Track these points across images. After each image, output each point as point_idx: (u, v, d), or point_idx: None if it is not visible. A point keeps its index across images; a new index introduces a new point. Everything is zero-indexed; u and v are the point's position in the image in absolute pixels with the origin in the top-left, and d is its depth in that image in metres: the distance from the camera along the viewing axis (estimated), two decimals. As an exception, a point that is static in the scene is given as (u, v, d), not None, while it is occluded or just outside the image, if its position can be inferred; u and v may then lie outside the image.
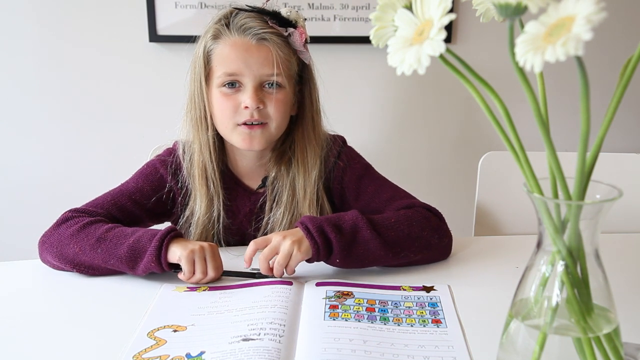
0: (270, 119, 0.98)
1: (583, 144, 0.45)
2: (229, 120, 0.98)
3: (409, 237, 0.91)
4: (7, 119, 1.60)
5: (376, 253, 0.89)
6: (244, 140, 0.98)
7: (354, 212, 0.93)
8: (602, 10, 0.38)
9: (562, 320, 0.51)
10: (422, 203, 1.01)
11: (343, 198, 1.08)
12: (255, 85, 0.96)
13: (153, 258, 0.85)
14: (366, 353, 0.68)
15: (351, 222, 0.90)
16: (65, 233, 0.91)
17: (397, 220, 0.93)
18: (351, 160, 1.08)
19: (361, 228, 0.89)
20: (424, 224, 0.94)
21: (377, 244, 0.89)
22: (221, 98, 0.98)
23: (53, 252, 0.91)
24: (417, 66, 0.43)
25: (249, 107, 0.96)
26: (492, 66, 1.14)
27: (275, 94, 0.97)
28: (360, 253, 0.89)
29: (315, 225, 0.88)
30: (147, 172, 1.05)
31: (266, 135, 0.99)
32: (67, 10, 1.53)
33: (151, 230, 0.90)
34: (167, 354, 0.69)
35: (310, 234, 0.87)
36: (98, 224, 0.92)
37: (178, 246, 0.86)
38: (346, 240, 0.88)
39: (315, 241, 0.87)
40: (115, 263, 0.88)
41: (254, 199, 1.07)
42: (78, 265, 0.90)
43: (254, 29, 0.96)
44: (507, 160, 1.22)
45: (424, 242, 0.93)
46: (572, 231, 0.48)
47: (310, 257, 0.88)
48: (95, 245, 0.88)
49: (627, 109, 1.66)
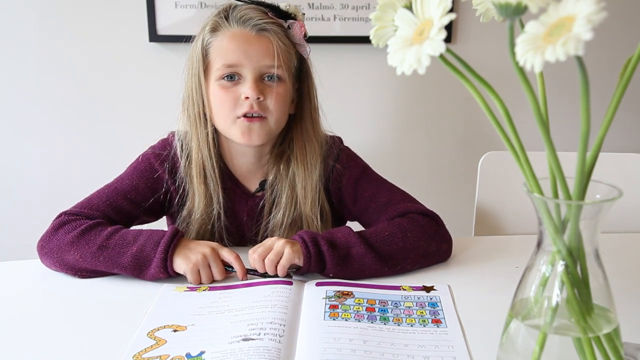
0: (270, 113, 0.97)
1: (583, 144, 0.45)
2: (228, 113, 0.96)
3: (404, 250, 0.91)
4: (7, 118, 1.60)
5: (372, 267, 0.89)
6: (243, 133, 0.97)
7: (345, 228, 0.93)
8: (602, 10, 0.38)
9: (562, 320, 0.51)
10: (419, 208, 0.99)
11: (341, 200, 1.07)
12: (256, 77, 0.95)
13: (160, 270, 0.87)
14: (366, 353, 0.68)
15: (344, 238, 0.90)
16: (64, 239, 0.90)
17: (390, 233, 0.92)
18: (349, 162, 1.07)
19: (354, 244, 0.89)
20: (419, 234, 0.93)
21: (372, 259, 0.88)
22: (220, 91, 0.96)
23: (53, 258, 0.90)
24: (417, 66, 0.43)
25: (250, 98, 0.94)
26: (492, 66, 1.13)
27: (276, 87, 0.96)
28: (355, 268, 0.89)
29: (309, 235, 0.89)
30: (142, 168, 1.03)
31: (265, 129, 0.97)
32: (67, 10, 1.53)
33: (153, 236, 0.89)
34: (167, 354, 0.69)
35: (304, 242, 0.88)
36: (97, 229, 0.91)
37: (182, 260, 0.87)
38: (339, 255, 0.88)
39: (308, 249, 0.87)
40: (120, 271, 0.88)
41: (252, 203, 1.05)
42: (80, 271, 0.90)
43: (254, 19, 0.95)
44: (507, 160, 1.22)
45: (420, 252, 0.92)
46: (572, 231, 0.48)
47: (302, 262, 0.88)
48: (97, 254, 0.88)
49: (627, 109, 1.66)
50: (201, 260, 0.87)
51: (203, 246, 0.89)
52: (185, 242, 0.90)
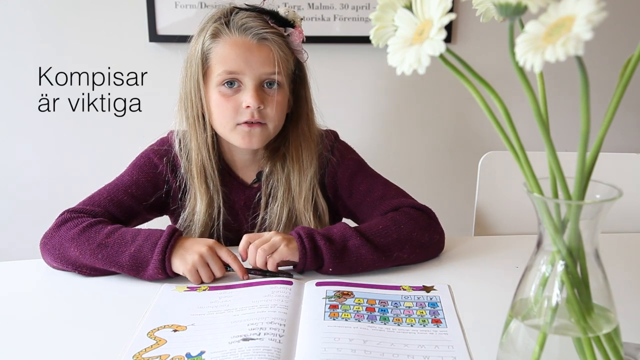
0: (270, 119, 0.99)
1: (583, 144, 0.45)
2: (228, 120, 0.98)
3: (399, 241, 0.92)
4: (8, 118, 1.60)
5: (368, 258, 0.90)
6: (243, 138, 0.99)
7: (341, 223, 0.95)
8: (602, 10, 0.38)
9: (562, 320, 0.51)
10: (412, 202, 1.01)
11: (337, 193, 1.08)
12: (256, 85, 0.97)
13: (159, 271, 0.87)
14: (366, 353, 0.68)
15: (340, 232, 0.91)
16: (65, 236, 0.91)
17: (385, 226, 0.93)
18: (344, 156, 1.08)
19: (350, 237, 0.90)
20: (412, 225, 0.94)
21: (368, 249, 0.90)
22: (220, 99, 0.98)
23: (55, 254, 0.91)
24: (417, 66, 0.43)
25: (251, 107, 0.96)
26: (492, 66, 1.13)
27: (276, 95, 0.98)
28: (353, 261, 0.89)
29: (306, 232, 0.90)
30: (141, 164, 1.05)
31: (265, 134, 1.00)
32: (67, 10, 1.53)
33: (151, 236, 0.89)
34: (167, 354, 0.69)
35: (300, 238, 0.89)
36: (98, 227, 0.92)
37: (179, 261, 0.87)
38: (336, 248, 0.89)
39: (303, 244, 0.88)
40: (119, 270, 0.88)
41: (249, 193, 1.07)
42: (80, 267, 0.90)
43: (255, 28, 0.96)
44: (507, 160, 1.22)
45: (415, 243, 0.93)
46: (572, 231, 0.48)
47: (297, 259, 0.89)
48: (96, 251, 0.88)
49: (627, 109, 1.66)
50: (198, 260, 0.87)
51: (200, 245, 0.89)
52: (182, 241, 0.90)
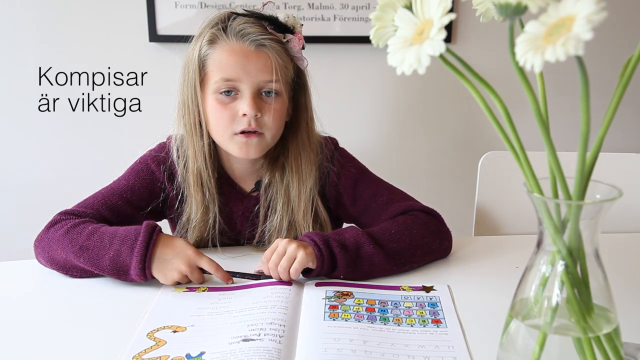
0: (267, 129, 0.96)
1: (583, 144, 0.45)
2: (225, 129, 0.96)
3: (411, 246, 0.92)
4: (8, 118, 1.60)
5: (381, 267, 0.89)
6: (241, 149, 0.97)
7: (353, 228, 0.93)
8: (602, 10, 0.38)
9: (562, 320, 0.51)
10: (420, 205, 1.00)
11: (339, 202, 1.06)
12: (254, 93, 0.94)
13: (140, 277, 0.86)
14: (366, 353, 0.68)
15: (353, 239, 0.89)
16: (53, 237, 0.91)
17: (397, 230, 0.92)
18: (345, 164, 1.06)
19: (363, 244, 0.89)
20: (424, 231, 0.94)
21: (381, 258, 0.89)
22: (217, 106, 0.96)
23: (45, 256, 0.91)
24: (417, 66, 0.43)
25: (247, 115, 0.94)
26: (492, 66, 1.13)
27: (273, 103, 0.95)
28: (365, 269, 0.89)
29: (320, 237, 0.88)
30: (139, 169, 1.04)
31: (262, 144, 0.98)
32: (67, 10, 1.52)
33: (127, 239, 0.87)
34: (167, 355, 0.69)
35: (317, 245, 0.87)
36: (80, 227, 0.90)
37: (159, 274, 0.87)
38: (351, 257, 0.88)
39: (321, 251, 0.87)
40: (103, 273, 0.88)
41: (247, 202, 1.05)
42: (69, 269, 0.90)
43: (253, 34, 0.94)
44: (507, 160, 1.22)
45: (426, 249, 0.93)
46: (572, 231, 0.48)
47: (315, 265, 0.87)
48: (79, 254, 0.88)
49: (627, 109, 1.66)
50: (177, 277, 0.87)
51: (178, 260, 0.87)
52: (162, 247, 0.87)
